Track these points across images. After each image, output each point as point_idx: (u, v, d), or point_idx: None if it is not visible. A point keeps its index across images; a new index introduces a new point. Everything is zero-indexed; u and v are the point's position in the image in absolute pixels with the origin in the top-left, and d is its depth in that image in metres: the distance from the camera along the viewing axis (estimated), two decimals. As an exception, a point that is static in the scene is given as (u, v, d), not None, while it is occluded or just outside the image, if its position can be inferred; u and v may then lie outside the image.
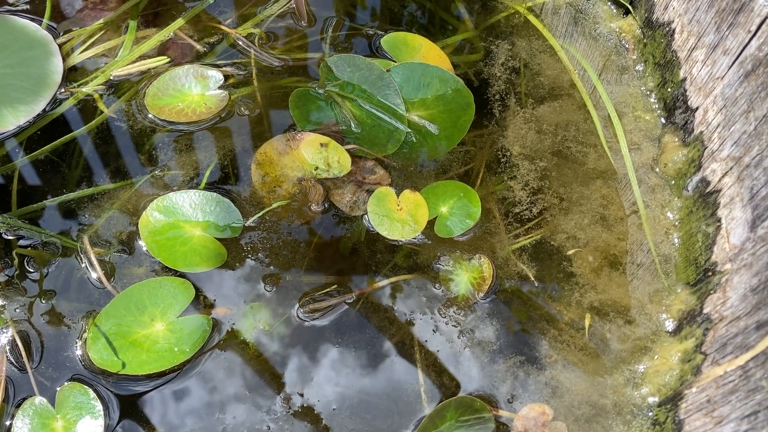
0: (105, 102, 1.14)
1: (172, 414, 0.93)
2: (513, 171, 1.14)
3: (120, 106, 1.14)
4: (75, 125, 1.12)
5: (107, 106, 1.14)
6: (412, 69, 1.17)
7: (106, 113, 1.13)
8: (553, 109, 1.21)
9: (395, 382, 0.97)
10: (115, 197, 1.07)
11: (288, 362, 0.97)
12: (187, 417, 0.93)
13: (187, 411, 0.93)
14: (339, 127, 1.14)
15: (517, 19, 1.32)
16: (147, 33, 1.22)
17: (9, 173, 1.08)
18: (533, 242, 1.08)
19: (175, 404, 0.93)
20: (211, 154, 1.12)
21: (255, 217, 1.05)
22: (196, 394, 0.94)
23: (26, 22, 1.19)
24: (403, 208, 1.07)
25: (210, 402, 0.94)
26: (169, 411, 0.93)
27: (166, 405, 0.93)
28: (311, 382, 0.96)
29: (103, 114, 1.13)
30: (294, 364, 0.97)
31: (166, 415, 0.93)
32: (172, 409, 0.93)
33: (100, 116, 1.13)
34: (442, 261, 1.05)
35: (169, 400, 0.93)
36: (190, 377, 0.94)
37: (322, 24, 1.27)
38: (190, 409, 0.93)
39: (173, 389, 0.94)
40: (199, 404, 0.94)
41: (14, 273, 0.98)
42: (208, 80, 1.15)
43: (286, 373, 0.96)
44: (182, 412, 0.93)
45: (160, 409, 0.93)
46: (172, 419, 0.93)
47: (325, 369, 0.97)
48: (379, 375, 0.97)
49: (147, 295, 0.97)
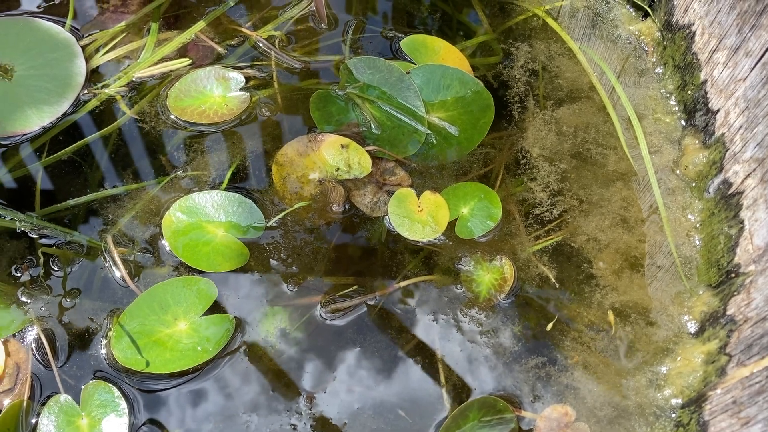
0: (127, 103, 1.15)
1: (195, 412, 0.93)
2: (533, 173, 1.14)
3: (142, 108, 1.15)
4: (98, 126, 1.13)
5: (129, 107, 1.15)
6: (432, 71, 1.18)
7: (128, 114, 1.14)
8: (572, 112, 1.21)
9: (417, 382, 0.97)
10: (138, 197, 1.07)
11: (310, 362, 0.97)
12: (210, 416, 0.93)
13: (210, 410, 0.93)
14: (359, 129, 1.15)
15: (534, 22, 1.33)
16: (168, 35, 1.23)
17: (33, 173, 1.09)
18: (553, 244, 1.08)
19: (199, 403, 0.94)
20: (233, 155, 1.13)
21: (277, 217, 1.05)
22: (219, 393, 0.94)
23: (50, 24, 1.21)
24: (423, 210, 1.07)
25: (233, 401, 0.94)
26: (193, 409, 0.93)
27: (189, 403, 0.93)
28: (333, 382, 0.96)
29: (126, 115, 1.14)
30: (316, 364, 0.97)
31: (189, 413, 0.93)
32: (196, 408, 0.93)
33: (123, 117, 1.14)
34: (463, 262, 1.05)
35: (193, 399, 0.94)
36: (213, 376, 0.95)
37: (342, 26, 1.28)
38: (214, 407, 0.94)
39: (197, 388, 0.94)
40: (223, 403, 0.94)
41: (39, 272, 0.99)
42: (229, 82, 1.16)
43: (308, 372, 0.97)
44: (206, 411, 0.93)
45: (183, 408, 0.93)
46: (196, 418, 0.93)
47: (347, 369, 0.97)
48: (401, 375, 0.98)
49: (170, 294, 0.98)
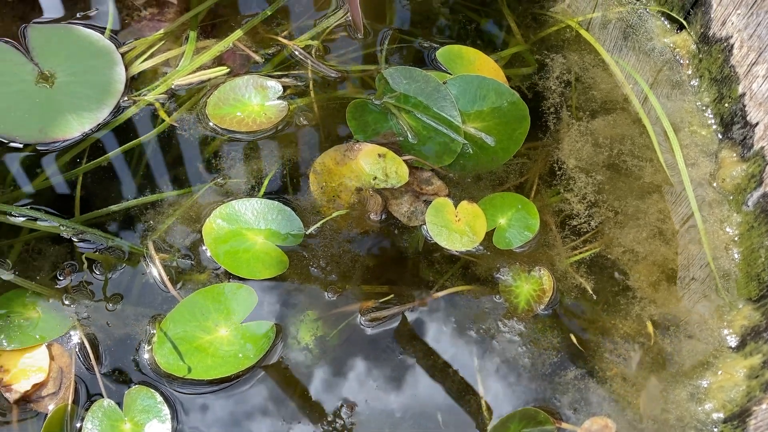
0: (166, 110, 1.16)
1: (237, 419, 0.94)
2: (569, 183, 1.14)
3: (181, 115, 1.16)
4: (137, 133, 1.14)
5: (169, 114, 1.16)
6: (468, 81, 1.18)
7: (168, 121, 1.15)
8: (607, 123, 1.22)
9: (457, 392, 0.97)
10: (178, 204, 1.08)
11: (350, 370, 0.97)
12: (251, 423, 0.94)
13: (251, 416, 0.94)
14: (396, 138, 1.15)
15: (567, 33, 1.33)
16: (206, 44, 1.24)
17: (73, 179, 1.10)
18: (590, 255, 1.08)
19: (240, 410, 0.94)
20: (271, 163, 1.13)
21: (315, 226, 1.06)
22: (260, 400, 0.95)
23: (90, 31, 1.22)
24: (461, 219, 1.07)
25: (274, 408, 0.94)
26: (234, 416, 0.94)
27: (231, 410, 0.94)
28: (373, 390, 0.97)
29: (165, 122, 1.15)
30: (356, 372, 0.97)
31: (231, 420, 0.93)
32: (237, 415, 0.94)
33: (162, 124, 1.15)
34: (501, 272, 1.05)
35: (235, 406, 0.94)
36: (253, 383, 0.95)
37: (378, 36, 1.29)
38: (255, 414, 0.94)
39: (238, 394, 0.95)
40: (264, 410, 0.94)
41: (82, 277, 1.00)
42: (267, 91, 1.17)
43: (348, 380, 0.97)
44: (247, 418, 0.94)
45: (225, 415, 0.94)
46: (238, 425, 0.93)
47: (386, 377, 0.98)
48: (440, 385, 0.98)
49: (211, 300, 0.99)
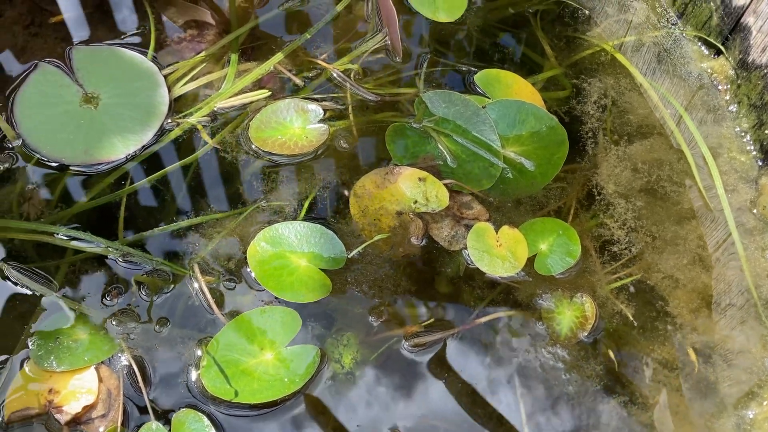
0: (209, 133, 1.18)
1: (282, 444, 0.94)
2: (607, 209, 1.15)
3: (224, 137, 1.17)
4: (180, 155, 1.16)
5: (211, 136, 1.17)
6: (507, 106, 1.19)
7: (210, 144, 1.16)
8: (644, 148, 1.22)
9: (499, 418, 0.98)
10: (222, 226, 1.09)
11: (394, 395, 0.98)
12: (297, 447, 0.94)
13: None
14: (435, 162, 1.16)
15: (602, 56, 1.34)
16: (246, 66, 1.26)
17: (117, 201, 1.11)
18: (631, 282, 1.08)
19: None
20: (311, 185, 1.14)
21: (358, 249, 1.07)
22: (306, 425, 0.95)
23: (132, 53, 1.24)
24: (502, 245, 1.08)
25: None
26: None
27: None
28: (416, 416, 0.97)
29: (208, 145, 1.16)
30: (399, 397, 0.98)
31: (276, 444, 0.94)
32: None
33: (205, 147, 1.16)
34: (543, 298, 1.05)
35: (281, 430, 0.95)
36: (300, 407, 0.96)
37: (416, 60, 1.30)
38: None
39: (284, 419, 0.95)
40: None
41: (129, 299, 1.01)
42: (308, 114, 1.18)
43: (392, 405, 0.97)
44: (292, 442, 0.94)
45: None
46: (283, 449, 0.94)
47: (429, 403, 0.98)
48: (482, 411, 0.98)
49: (256, 324, 0.99)
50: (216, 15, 1.35)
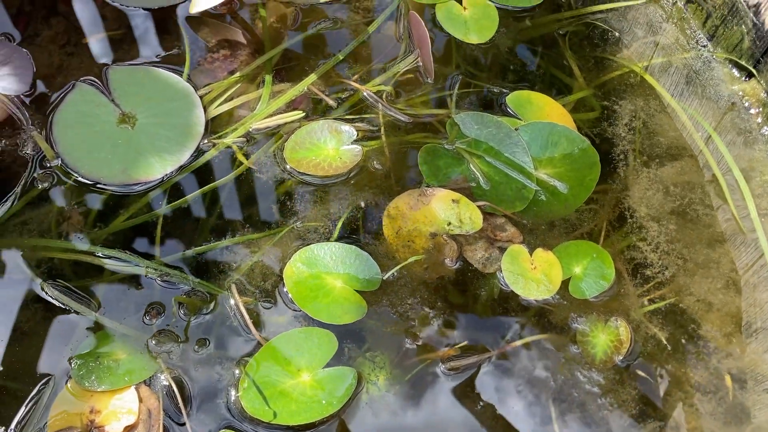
0: (244, 153, 1.19)
1: (320, 466, 0.95)
2: (639, 231, 1.15)
3: (259, 158, 1.19)
4: (217, 175, 1.17)
5: (246, 157, 1.18)
6: (540, 128, 1.20)
7: (246, 164, 1.18)
8: (676, 170, 1.22)
9: (536, 442, 0.98)
10: (257, 246, 1.10)
11: (430, 418, 0.98)
12: (335, 469, 0.95)
13: (335, 463, 0.95)
14: (467, 184, 1.17)
15: (631, 78, 1.34)
16: (280, 87, 1.27)
17: (154, 220, 1.13)
18: (664, 306, 1.08)
19: (324, 456, 0.95)
20: (344, 206, 1.15)
21: (393, 270, 1.07)
22: (344, 447, 0.96)
23: (168, 73, 1.26)
24: (537, 267, 1.08)
25: (357, 455, 0.96)
26: (318, 462, 0.95)
27: (315, 456, 0.95)
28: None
29: (244, 165, 1.18)
30: (436, 420, 0.98)
31: (315, 466, 0.95)
32: (321, 461, 0.95)
33: (241, 167, 1.18)
34: (577, 322, 1.06)
35: (319, 452, 0.95)
36: (338, 430, 0.96)
37: (446, 81, 1.31)
38: (339, 461, 0.95)
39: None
40: (347, 457, 0.96)
41: (168, 319, 1.02)
42: (342, 135, 1.20)
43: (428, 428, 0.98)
44: (330, 465, 0.95)
45: (309, 461, 0.95)
46: (321, 471, 0.95)
47: (465, 426, 0.98)
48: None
49: (293, 345, 1.00)
50: (248, 34, 1.37)
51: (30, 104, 1.23)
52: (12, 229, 1.10)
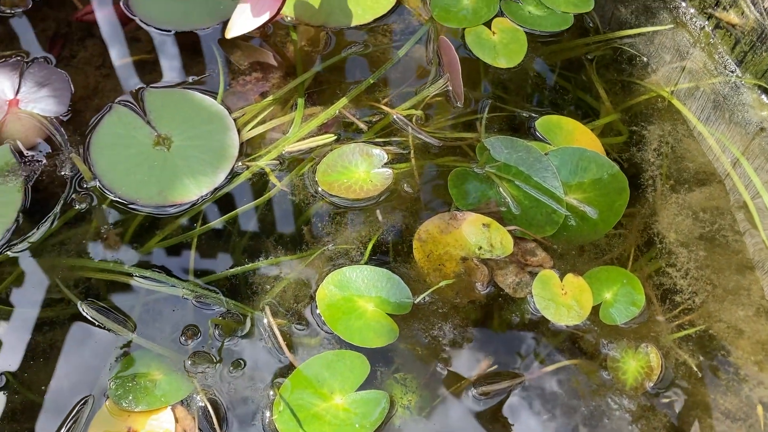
0: (277, 176, 1.21)
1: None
2: (668, 257, 1.15)
3: (291, 180, 1.20)
4: (250, 197, 1.19)
5: (279, 179, 1.20)
6: (570, 153, 1.21)
7: (279, 186, 1.19)
8: (704, 195, 1.23)
9: (568, 469, 0.98)
10: (290, 268, 1.12)
11: (462, 443, 0.99)
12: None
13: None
14: (497, 208, 1.18)
15: (658, 102, 1.35)
16: (312, 111, 1.29)
17: (188, 241, 1.15)
18: (694, 332, 1.09)
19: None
20: (375, 229, 1.17)
21: (424, 294, 1.09)
22: (376, 471, 0.97)
23: (202, 96, 1.28)
24: (567, 293, 1.09)
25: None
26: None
27: (348, 480, 0.96)
28: (484, 464, 0.98)
29: (276, 187, 1.19)
30: (468, 445, 0.99)
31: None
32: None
33: (274, 189, 1.19)
34: (607, 348, 1.06)
35: (352, 475, 0.96)
36: (370, 453, 0.97)
37: (474, 104, 1.32)
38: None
39: (355, 464, 0.97)
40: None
41: (204, 341, 1.04)
42: (372, 158, 1.21)
43: (460, 453, 0.99)
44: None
45: (342, 484, 0.96)
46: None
47: (498, 452, 0.99)
48: (551, 461, 0.99)
49: (326, 367, 1.02)
50: (279, 57, 1.39)
51: (67, 125, 1.26)
52: (50, 249, 1.12)
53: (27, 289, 1.09)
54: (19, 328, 1.06)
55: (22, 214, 1.15)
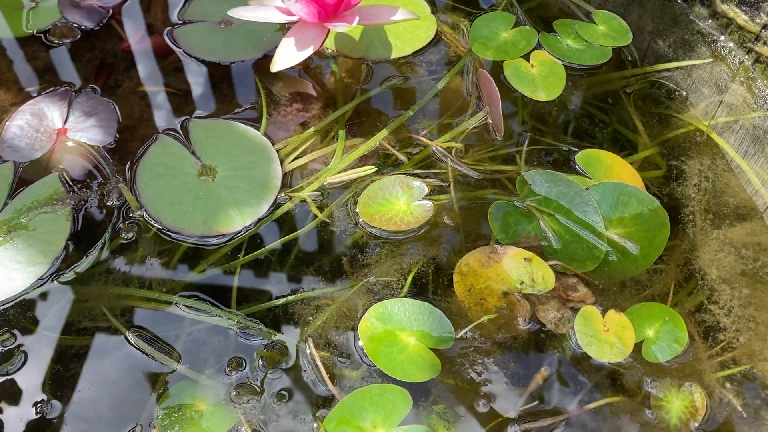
0: (318, 207, 1.22)
1: None
2: (711, 294, 1.15)
3: (332, 211, 1.22)
4: (292, 228, 1.21)
5: (320, 210, 1.22)
6: (610, 188, 1.21)
7: (320, 217, 1.21)
8: (745, 231, 1.22)
9: None
10: (331, 300, 1.13)
11: (505, 480, 0.99)
12: None
13: None
14: (538, 242, 1.18)
15: (696, 136, 1.35)
16: (353, 142, 1.31)
17: (231, 271, 1.16)
18: (738, 372, 1.08)
19: None
20: (415, 262, 1.17)
21: (467, 329, 1.09)
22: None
23: (246, 127, 1.30)
24: (609, 329, 1.09)
25: None
26: None
27: None
28: (528, 503, 0.98)
29: (318, 218, 1.21)
30: (511, 483, 0.99)
31: None
32: None
33: (315, 220, 1.21)
34: (650, 385, 1.06)
35: None
36: (414, 489, 0.97)
37: (513, 137, 1.33)
38: None
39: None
40: None
41: (249, 372, 1.05)
42: (413, 190, 1.22)
43: (503, 491, 0.98)
44: None
45: None
46: None
47: (541, 490, 0.99)
48: (595, 501, 0.98)
49: (369, 401, 1.02)
50: (319, 88, 1.42)
51: (114, 154, 1.29)
52: (97, 278, 1.15)
53: (74, 317, 1.11)
54: (67, 356, 1.07)
55: (71, 242, 1.17)
